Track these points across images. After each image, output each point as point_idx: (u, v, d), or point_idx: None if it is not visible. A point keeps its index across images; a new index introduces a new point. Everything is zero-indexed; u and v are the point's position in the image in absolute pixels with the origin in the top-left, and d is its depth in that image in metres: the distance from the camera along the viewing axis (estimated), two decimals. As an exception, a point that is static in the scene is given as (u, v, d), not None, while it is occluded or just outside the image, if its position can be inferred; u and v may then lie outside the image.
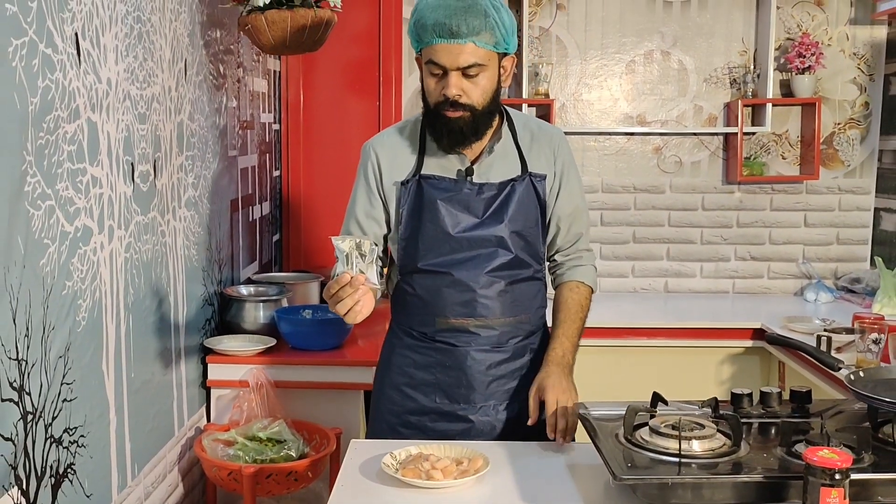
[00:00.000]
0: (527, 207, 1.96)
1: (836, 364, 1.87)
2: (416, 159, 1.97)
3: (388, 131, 2.06)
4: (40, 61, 1.64)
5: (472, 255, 1.93)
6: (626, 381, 3.50)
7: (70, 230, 1.79)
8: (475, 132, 1.90)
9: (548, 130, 2.04)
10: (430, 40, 1.81)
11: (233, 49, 3.13)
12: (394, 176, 1.98)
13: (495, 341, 1.97)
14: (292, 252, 4.05)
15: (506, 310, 1.96)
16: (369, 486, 1.65)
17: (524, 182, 1.96)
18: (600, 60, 4.12)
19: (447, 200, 1.93)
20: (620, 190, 4.15)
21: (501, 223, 1.93)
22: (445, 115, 1.86)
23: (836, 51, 4.06)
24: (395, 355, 2.03)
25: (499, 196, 1.94)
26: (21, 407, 1.59)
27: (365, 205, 2.01)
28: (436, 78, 1.85)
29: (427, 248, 1.94)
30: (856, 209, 4.14)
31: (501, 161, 1.96)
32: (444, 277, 1.94)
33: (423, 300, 1.97)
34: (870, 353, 2.70)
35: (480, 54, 1.82)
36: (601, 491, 1.61)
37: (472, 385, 1.96)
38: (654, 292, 4.21)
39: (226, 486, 2.48)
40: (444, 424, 1.97)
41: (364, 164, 2.02)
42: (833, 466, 1.33)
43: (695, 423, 1.62)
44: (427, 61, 1.85)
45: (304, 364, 2.81)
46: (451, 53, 1.81)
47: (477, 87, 1.84)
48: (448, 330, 1.96)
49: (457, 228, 1.93)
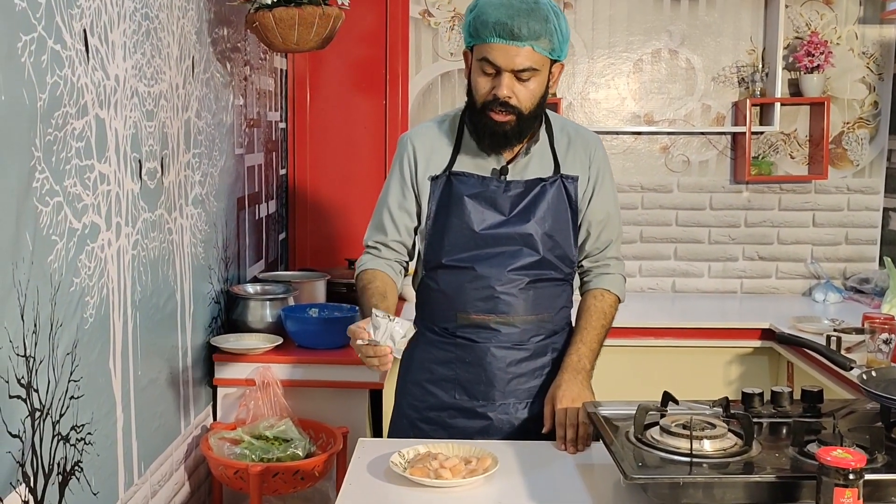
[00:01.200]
0: (557, 209, 1.95)
1: (848, 364, 1.85)
2: (451, 155, 1.96)
3: (427, 124, 2.05)
4: (49, 57, 1.64)
5: (497, 252, 1.93)
6: (633, 381, 3.48)
7: (78, 227, 1.78)
8: (519, 136, 1.89)
9: (584, 135, 2.03)
10: (489, 39, 1.80)
11: (240, 47, 3.12)
12: (429, 170, 1.97)
13: (516, 339, 1.96)
14: (298, 250, 4.04)
15: (528, 308, 1.95)
16: (378, 484, 1.64)
17: (556, 183, 1.95)
18: (608, 59, 4.11)
19: (474, 197, 1.93)
20: (628, 189, 4.14)
21: (528, 222, 1.93)
22: (491, 117, 1.85)
23: (845, 50, 4.04)
24: (417, 350, 2.02)
25: (527, 195, 1.93)
26: (29, 404, 1.58)
27: (398, 196, 2.00)
28: (488, 77, 1.84)
29: (452, 243, 1.94)
30: (865, 209, 4.12)
31: (538, 162, 1.96)
32: (466, 273, 1.93)
33: (445, 295, 1.96)
34: (880, 353, 2.68)
35: (536, 59, 1.81)
36: (611, 490, 1.60)
37: (492, 382, 1.95)
38: (662, 292, 4.19)
39: (232, 484, 2.48)
40: (463, 421, 1.96)
41: (400, 156, 2.01)
42: (847, 466, 1.31)
43: (706, 423, 1.60)
44: (481, 59, 1.83)
45: (311, 363, 2.80)
46: (507, 54, 1.80)
47: (527, 90, 1.84)
48: (469, 326, 1.95)
49: (482, 225, 1.92)
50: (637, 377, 3.51)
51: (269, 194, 3.63)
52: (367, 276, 1.98)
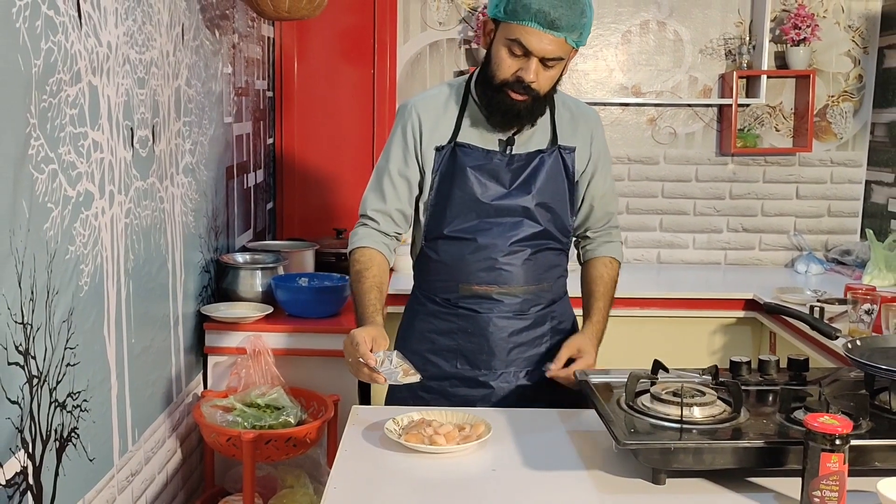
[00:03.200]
0: (555, 179, 1.97)
1: (833, 333, 1.89)
2: (455, 126, 1.96)
3: (432, 93, 2.03)
4: (43, 23, 1.62)
5: (498, 223, 1.94)
6: (619, 350, 3.50)
7: (73, 194, 1.78)
8: (531, 116, 1.91)
9: (585, 111, 2.06)
10: (527, 22, 1.78)
11: (228, 14, 3.09)
12: (434, 140, 1.97)
13: (517, 308, 1.98)
14: (286, 220, 4.04)
15: (528, 278, 1.97)
16: (372, 451, 1.66)
17: (553, 154, 1.97)
18: (596, 30, 4.10)
19: (477, 169, 1.94)
20: (615, 161, 4.15)
21: (529, 194, 1.95)
22: (510, 95, 1.85)
23: (832, 23, 4.06)
24: (417, 321, 2.04)
25: (527, 167, 1.95)
26: (27, 371, 1.59)
27: (400, 164, 1.98)
28: (515, 57, 1.83)
29: (454, 214, 1.95)
30: (847, 182, 4.16)
31: (540, 135, 1.98)
32: (468, 244, 1.95)
33: (446, 266, 1.98)
34: (862, 323, 2.73)
35: (566, 49, 1.83)
36: (603, 456, 1.63)
37: (494, 351, 1.97)
38: (647, 263, 4.23)
39: (225, 451, 2.50)
40: (464, 390, 1.98)
41: (404, 124, 1.99)
42: (834, 432, 1.35)
43: (695, 391, 1.64)
44: (512, 38, 1.81)
45: (302, 331, 2.81)
46: (542, 41, 1.79)
47: (548, 75, 1.85)
48: (471, 297, 1.97)
49: (484, 197, 1.94)
50: (623, 347, 3.53)
51: (256, 163, 3.62)
52: (364, 258, 1.96)
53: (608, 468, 1.58)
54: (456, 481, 1.54)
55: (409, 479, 1.55)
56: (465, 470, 1.58)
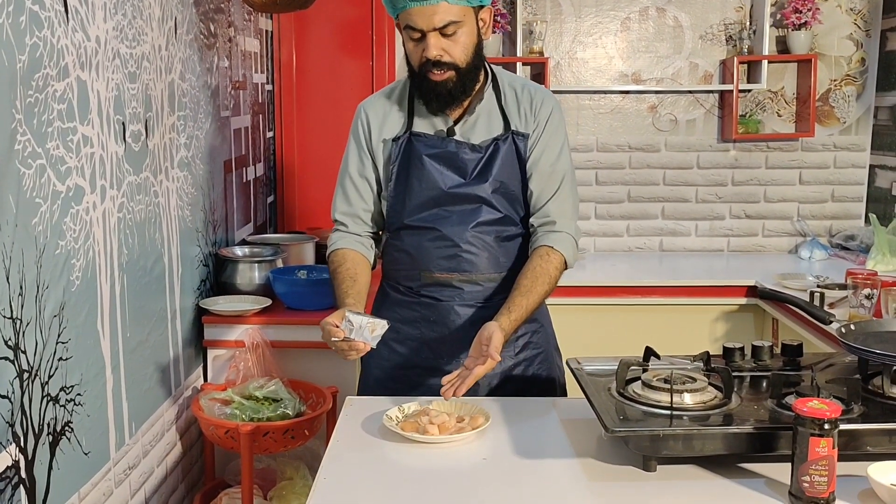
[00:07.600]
0: (510, 166, 1.96)
1: (827, 317, 1.88)
2: (406, 119, 1.98)
3: (379, 93, 2.08)
4: (28, 18, 1.62)
5: (458, 211, 1.94)
6: (621, 339, 3.52)
7: (62, 189, 1.78)
8: (463, 90, 1.91)
9: (531, 90, 2.00)
10: (404, 5, 1.82)
11: (223, 7, 3.09)
12: (383, 134, 1.99)
13: (480, 297, 1.97)
14: (287, 213, 4.04)
15: (491, 266, 1.96)
16: (365, 439, 1.66)
17: (507, 140, 1.96)
18: (595, 18, 4.08)
19: (434, 157, 1.94)
20: (615, 149, 4.14)
21: (486, 182, 1.94)
22: (431, 79, 1.87)
23: (833, 6, 4.03)
24: (383, 310, 2.04)
25: (484, 156, 1.95)
26: (17, 365, 1.60)
27: (357, 165, 2.02)
28: (415, 42, 1.86)
29: (414, 204, 1.95)
30: (851, 166, 4.13)
31: (484, 121, 1.97)
32: (429, 233, 1.95)
33: (409, 255, 1.98)
34: (862, 308, 2.72)
35: (455, 11, 1.82)
36: (594, 444, 1.63)
37: (457, 340, 1.96)
38: (649, 251, 4.22)
39: (223, 444, 2.51)
40: (430, 379, 1.97)
41: (355, 125, 2.05)
42: (822, 416, 1.34)
43: (686, 377, 1.63)
44: (405, 26, 1.85)
45: (300, 324, 2.81)
46: (424, 15, 1.81)
47: (457, 44, 1.85)
48: (433, 284, 1.97)
49: (443, 185, 1.94)
50: (625, 335, 3.54)
51: (256, 157, 3.62)
52: (337, 257, 1.99)
53: (599, 456, 1.58)
54: (446, 470, 1.54)
55: (399, 469, 1.55)
56: (456, 459, 1.58)
